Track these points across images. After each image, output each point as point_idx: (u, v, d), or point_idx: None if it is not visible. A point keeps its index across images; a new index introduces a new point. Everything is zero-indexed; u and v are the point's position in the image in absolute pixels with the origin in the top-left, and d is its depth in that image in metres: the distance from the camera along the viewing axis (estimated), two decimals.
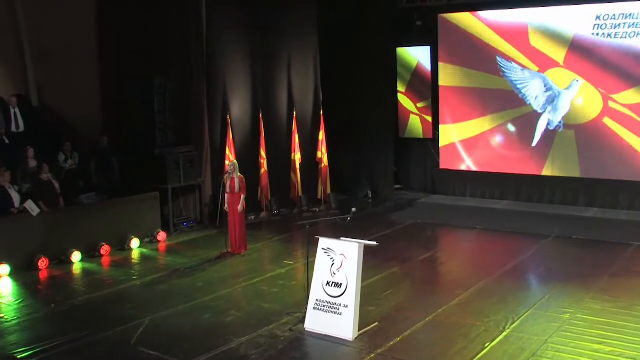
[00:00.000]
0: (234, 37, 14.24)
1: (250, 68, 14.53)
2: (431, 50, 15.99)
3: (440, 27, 15.76)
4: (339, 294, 8.09)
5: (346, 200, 16.16)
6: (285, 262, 11.31)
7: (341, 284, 8.09)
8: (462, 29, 15.46)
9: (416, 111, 16.49)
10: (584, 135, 14.37)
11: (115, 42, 14.15)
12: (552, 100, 14.40)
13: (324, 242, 8.41)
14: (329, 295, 8.13)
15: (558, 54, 14.35)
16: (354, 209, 8.93)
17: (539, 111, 14.63)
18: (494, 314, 8.55)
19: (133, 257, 12.04)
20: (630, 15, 13.50)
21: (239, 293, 9.84)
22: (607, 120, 14.06)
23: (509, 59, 14.84)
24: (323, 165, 15.11)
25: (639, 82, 13.65)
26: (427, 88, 16.23)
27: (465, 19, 15.45)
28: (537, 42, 14.58)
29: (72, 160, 12.91)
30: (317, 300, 8.19)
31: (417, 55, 16.32)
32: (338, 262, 8.20)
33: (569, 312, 8.55)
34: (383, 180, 16.30)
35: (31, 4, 13.58)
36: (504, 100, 15.16)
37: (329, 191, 15.17)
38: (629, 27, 13.54)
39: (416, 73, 16.37)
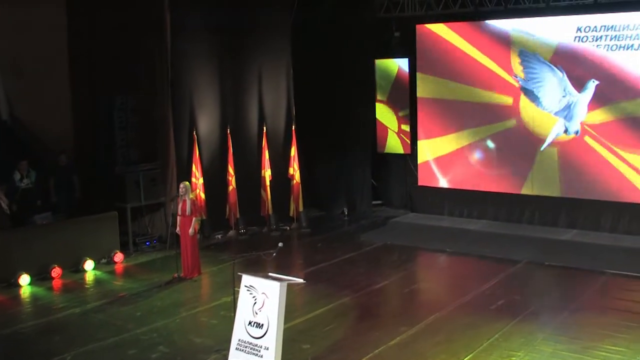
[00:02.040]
0: (201, 51, 13.86)
1: (219, 83, 14.12)
2: (409, 62, 15.39)
3: (418, 38, 15.14)
4: (261, 335, 7.57)
5: (322, 216, 15.68)
6: (236, 289, 10.81)
7: (263, 325, 7.58)
8: (441, 40, 14.85)
9: (395, 127, 15.89)
10: (564, 152, 13.68)
11: (84, 59, 13.84)
12: (569, 106, 13.58)
13: (246, 280, 7.91)
14: (250, 335, 7.62)
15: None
16: (280, 244, 8.41)
17: (553, 115, 13.77)
18: (432, 357, 7.98)
19: (84, 280, 11.65)
20: (612, 27, 12.86)
21: (175, 325, 9.38)
22: (587, 138, 13.37)
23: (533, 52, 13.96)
24: (295, 182, 14.60)
25: (614, 100, 13.01)
26: (407, 96, 15.67)
27: (443, 30, 14.83)
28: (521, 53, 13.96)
29: (28, 179, 12.54)
30: (239, 340, 7.69)
31: (397, 63, 15.74)
32: (260, 301, 7.68)
33: (516, 356, 7.95)
34: (360, 197, 15.74)
35: (2, 17, 13.27)
36: (485, 114, 14.50)
37: (301, 209, 14.66)
38: (611, 39, 12.89)
39: (396, 82, 15.77)
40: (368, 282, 10.90)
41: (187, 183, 11.57)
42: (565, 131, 13.52)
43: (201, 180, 13.69)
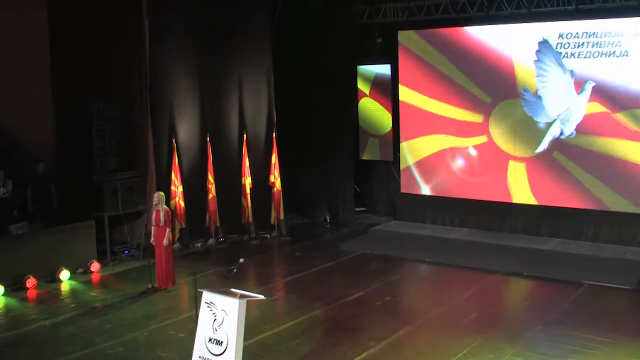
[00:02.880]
0: (180, 58, 13.79)
1: (199, 90, 14.02)
2: (391, 68, 15.28)
3: (400, 44, 15.02)
4: (220, 352, 7.48)
5: (304, 224, 15.61)
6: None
7: (222, 342, 7.48)
8: (422, 47, 14.74)
9: (386, 125, 15.79)
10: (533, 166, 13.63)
11: (64, 65, 13.76)
12: (567, 108, 13.35)
13: (207, 296, 7.81)
14: (210, 352, 7.53)
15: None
16: (241, 260, 8.32)
17: (550, 119, 13.50)
18: None
19: (58, 290, 11.57)
20: (593, 34, 12.72)
21: (143, 338, 9.29)
22: (570, 147, 13.29)
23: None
24: (276, 189, 14.50)
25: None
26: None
27: (426, 36, 14.72)
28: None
29: (4, 188, 12.46)
30: (200, 357, 7.60)
31: (376, 70, 15.70)
32: (220, 318, 7.59)
33: None
34: (343, 204, 15.63)
35: None
36: (458, 129, 14.46)
37: (282, 216, 14.55)
38: (592, 46, 12.75)
39: (375, 86, 15.78)
40: (341, 293, 10.77)
41: (161, 193, 11.47)
42: (561, 133, 13.36)
43: (180, 188, 13.61)
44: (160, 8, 13.32)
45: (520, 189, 13.84)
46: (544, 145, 13.51)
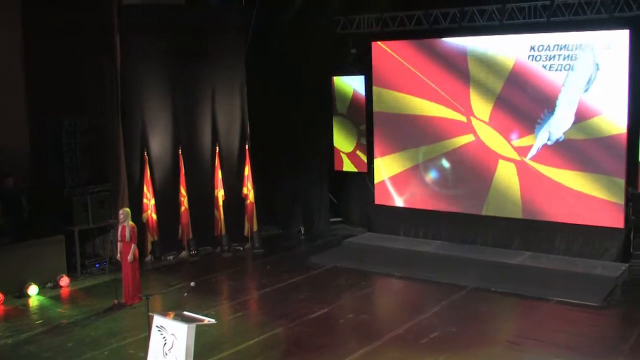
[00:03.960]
0: (152, 71, 13.83)
1: (171, 102, 14.01)
2: (365, 80, 15.25)
3: (374, 54, 14.98)
4: None
5: (279, 235, 15.60)
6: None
7: None
8: (396, 57, 14.70)
9: (353, 144, 15.78)
10: (523, 171, 13.53)
11: (38, 79, 13.70)
12: (553, 112, 13.26)
13: (157, 320, 7.81)
14: None
15: (496, 84, 13.57)
16: (192, 283, 8.32)
17: (541, 121, 13.35)
18: None
19: (26, 306, 11.52)
20: (565, 46, 12.69)
21: (102, 357, 9.28)
22: (541, 159, 13.27)
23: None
24: (249, 201, 14.47)
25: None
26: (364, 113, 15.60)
27: (399, 47, 14.69)
28: (476, 71, 13.79)
29: None
30: None
31: (352, 86, 15.63)
32: (169, 342, 7.60)
33: None
34: (318, 215, 15.60)
35: None
36: (442, 130, 14.35)
37: (255, 228, 14.53)
38: (564, 58, 12.72)
39: (353, 100, 15.70)
40: (306, 310, 10.73)
41: (126, 209, 11.45)
42: (549, 138, 13.30)
43: (153, 201, 13.59)
44: (133, 22, 13.33)
45: (494, 201, 13.85)
46: (532, 152, 13.49)
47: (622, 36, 12.43)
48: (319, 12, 15.11)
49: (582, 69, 12.58)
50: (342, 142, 15.96)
